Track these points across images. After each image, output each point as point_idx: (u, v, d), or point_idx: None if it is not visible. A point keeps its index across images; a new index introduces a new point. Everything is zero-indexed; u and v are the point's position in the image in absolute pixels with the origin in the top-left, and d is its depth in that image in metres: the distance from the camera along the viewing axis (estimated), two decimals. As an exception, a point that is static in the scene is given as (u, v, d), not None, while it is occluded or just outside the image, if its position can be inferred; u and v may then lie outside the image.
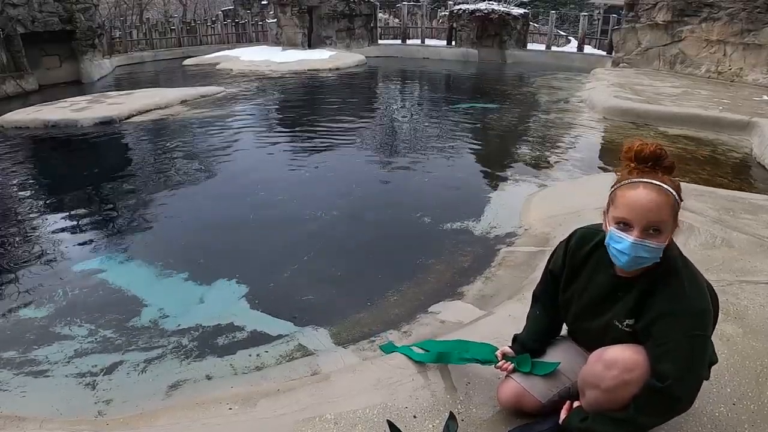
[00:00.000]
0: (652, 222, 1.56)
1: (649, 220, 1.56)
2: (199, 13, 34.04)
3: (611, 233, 1.64)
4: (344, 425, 2.06)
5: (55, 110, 9.97)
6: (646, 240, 1.57)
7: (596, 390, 1.71)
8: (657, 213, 1.56)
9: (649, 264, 1.63)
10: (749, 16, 11.76)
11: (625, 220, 1.60)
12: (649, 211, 1.56)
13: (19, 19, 13.65)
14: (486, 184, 6.15)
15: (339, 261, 4.30)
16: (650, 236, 1.57)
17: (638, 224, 1.57)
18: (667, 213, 1.57)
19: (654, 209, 1.56)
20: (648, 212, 1.56)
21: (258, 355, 3.06)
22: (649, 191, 1.57)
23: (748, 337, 2.54)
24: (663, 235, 1.58)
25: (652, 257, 1.60)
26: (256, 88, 13.37)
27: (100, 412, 2.63)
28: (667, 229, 1.59)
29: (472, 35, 19.75)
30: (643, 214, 1.56)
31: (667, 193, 1.57)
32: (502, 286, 3.67)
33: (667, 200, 1.57)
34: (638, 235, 1.57)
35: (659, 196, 1.56)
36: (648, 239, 1.57)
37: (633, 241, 1.57)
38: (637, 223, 1.57)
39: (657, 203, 1.56)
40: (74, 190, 6.19)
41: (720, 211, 4.29)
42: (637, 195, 1.58)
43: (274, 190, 5.99)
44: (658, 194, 1.57)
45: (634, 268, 1.65)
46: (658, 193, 1.57)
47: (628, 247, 1.59)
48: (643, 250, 1.58)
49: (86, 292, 3.84)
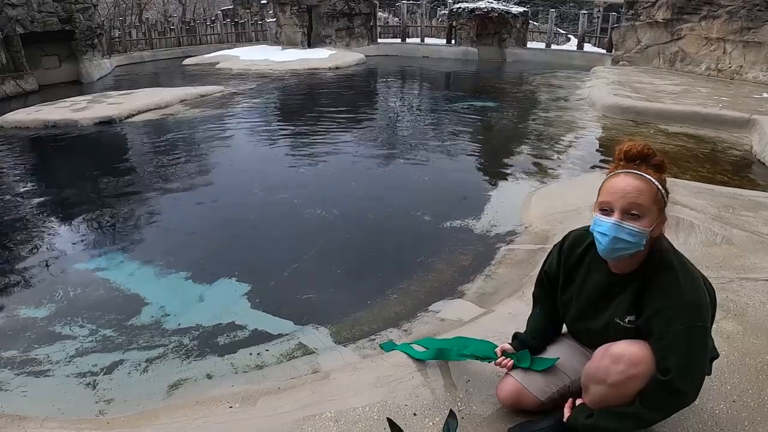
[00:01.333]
0: (631, 203, 1.62)
1: (628, 201, 1.62)
2: (198, 12, 34.00)
3: (595, 219, 1.70)
4: (344, 423, 2.07)
5: (55, 110, 9.97)
6: (625, 222, 1.62)
7: (602, 385, 1.71)
8: (635, 196, 1.62)
9: (630, 251, 1.66)
10: (749, 14, 11.75)
11: (606, 204, 1.67)
12: (628, 194, 1.62)
13: (18, 19, 13.64)
14: (486, 182, 6.15)
15: (339, 260, 4.30)
16: (630, 218, 1.62)
17: (618, 206, 1.63)
18: (646, 198, 1.62)
19: (633, 192, 1.62)
20: (627, 194, 1.62)
21: (258, 354, 3.07)
22: (629, 177, 1.65)
23: (748, 334, 2.55)
24: (643, 219, 1.62)
25: (633, 242, 1.63)
26: (255, 87, 13.37)
27: (101, 411, 2.64)
28: (647, 215, 1.63)
29: (472, 34, 19.73)
30: (623, 196, 1.63)
31: (648, 182, 1.64)
32: (502, 283, 3.67)
33: (647, 187, 1.63)
34: (618, 217, 1.63)
35: (639, 182, 1.63)
36: (627, 221, 1.62)
37: (613, 222, 1.63)
38: (617, 205, 1.64)
39: (636, 187, 1.63)
40: (74, 189, 6.20)
41: (720, 209, 4.29)
42: (617, 180, 1.67)
43: (274, 189, 5.99)
44: (637, 180, 1.64)
45: (616, 254, 1.68)
46: (637, 180, 1.64)
47: (608, 228, 1.64)
48: (624, 232, 1.62)
49: (87, 292, 3.85)
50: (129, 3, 30.25)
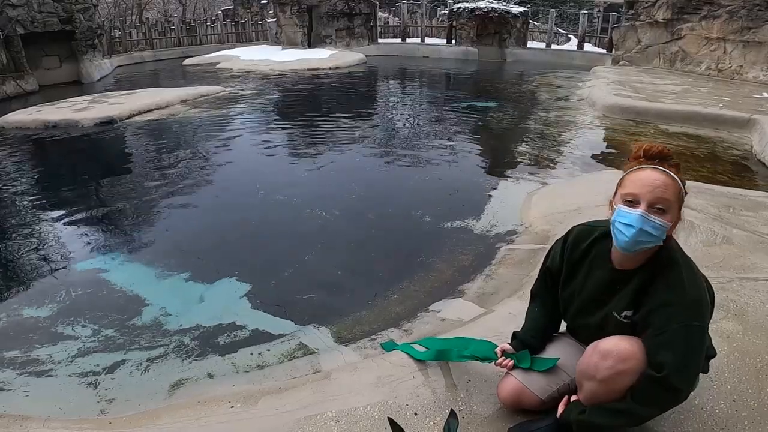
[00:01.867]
0: (658, 198, 1.63)
1: (655, 196, 1.63)
2: (198, 12, 34.02)
3: (618, 210, 1.69)
4: (345, 423, 2.07)
5: (55, 111, 9.98)
6: (652, 215, 1.62)
7: (592, 381, 1.73)
8: (663, 190, 1.63)
9: (650, 245, 1.66)
10: (749, 14, 11.75)
11: (633, 195, 1.66)
12: (657, 188, 1.63)
13: (18, 19, 13.65)
14: (486, 182, 6.15)
15: (340, 260, 4.31)
16: (655, 212, 1.63)
17: (645, 199, 1.64)
18: (672, 194, 1.64)
19: (661, 186, 1.63)
20: (655, 188, 1.63)
21: (260, 354, 3.07)
22: (656, 172, 1.66)
23: (748, 334, 2.55)
24: (667, 215, 1.63)
25: (656, 236, 1.64)
26: (256, 87, 13.38)
27: (102, 411, 2.64)
28: (671, 211, 1.64)
29: (472, 34, 19.74)
30: (651, 189, 1.63)
31: (673, 178, 1.66)
32: (502, 283, 3.67)
33: (673, 183, 1.65)
34: (645, 209, 1.63)
35: (665, 177, 1.65)
36: (654, 214, 1.62)
37: (641, 214, 1.63)
38: (644, 198, 1.64)
39: (664, 181, 1.64)
40: (75, 190, 6.21)
41: (720, 209, 4.30)
42: (646, 173, 1.67)
43: (275, 190, 5.99)
44: (665, 175, 1.65)
45: (636, 247, 1.67)
46: (665, 175, 1.66)
47: (635, 220, 1.63)
48: (649, 225, 1.62)
49: (88, 292, 3.85)
50: (129, 3, 30.27)
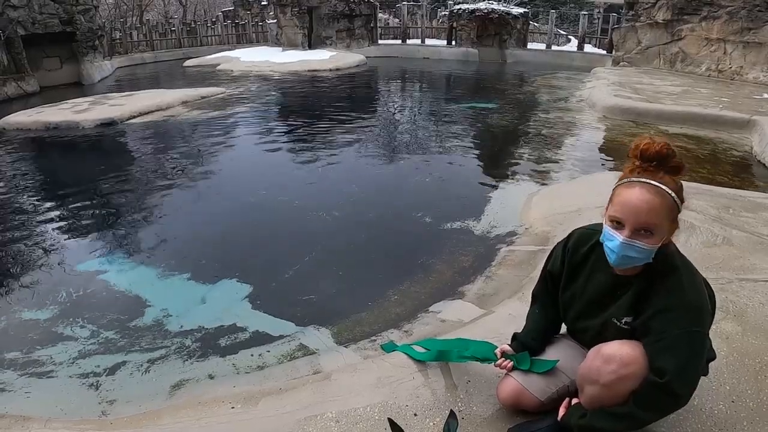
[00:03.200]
0: (642, 223, 1.57)
1: (639, 222, 1.57)
2: (199, 14, 34.06)
3: (605, 231, 1.67)
4: (346, 423, 2.08)
5: (56, 112, 9.99)
6: (636, 240, 1.58)
7: (595, 385, 1.73)
8: (648, 214, 1.56)
9: (641, 264, 1.65)
10: (749, 15, 11.77)
11: (618, 218, 1.62)
12: (641, 213, 1.56)
13: (19, 20, 13.67)
14: (486, 183, 6.16)
15: (340, 261, 4.32)
16: (640, 237, 1.58)
17: (629, 224, 1.58)
18: (660, 215, 1.57)
19: (645, 210, 1.56)
20: (639, 213, 1.56)
21: (260, 355, 3.08)
22: (644, 192, 1.57)
23: (747, 335, 2.56)
24: (654, 237, 1.59)
25: (642, 257, 1.62)
26: (256, 89, 13.39)
27: (103, 411, 2.65)
28: (659, 232, 1.59)
29: (472, 35, 19.75)
30: (635, 215, 1.57)
31: (664, 195, 1.57)
32: (502, 285, 3.68)
33: (662, 202, 1.56)
34: (628, 235, 1.59)
35: (654, 197, 1.56)
36: (638, 239, 1.58)
37: (622, 241, 1.59)
38: (628, 223, 1.59)
39: (650, 205, 1.55)
40: (76, 191, 6.21)
41: (720, 210, 4.30)
42: (631, 195, 1.58)
43: (276, 191, 6.01)
44: (653, 195, 1.56)
45: (625, 266, 1.68)
46: (653, 195, 1.56)
47: (617, 246, 1.61)
48: (632, 250, 1.60)
49: (89, 293, 3.86)
50: (130, 4, 30.32)
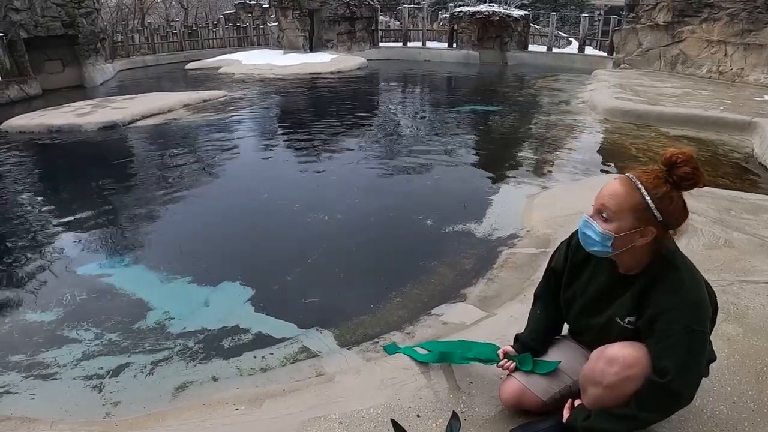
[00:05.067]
0: (603, 206, 1.68)
1: (601, 203, 1.69)
2: (200, 16, 34.13)
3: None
4: (349, 425, 2.09)
5: (59, 115, 10.03)
6: (593, 220, 1.70)
7: (598, 387, 1.74)
8: (609, 200, 1.67)
9: (601, 253, 1.73)
10: (750, 16, 11.79)
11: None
12: (603, 195, 1.69)
13: (22, 23, 13.74)
14: (487, 186, 6.18)
15: (342, 264, 4.33)
16: (598, 219, 1.69)
17: (594, 205, 1.72)
18: (620, 203, 1.65)
19: (608, 194, 1.68)
20: (602, 195, 1.69)
21: (263, 357, 3.10)
22: (616, 181, 1.69)
23: (748, 337, 2.57)
24: (610, 223, 1.67)
25: (597, 242, 1.70)
26: (258, 91, 13.43)
27: (108, 413, 2.66)
28: (617, 221, 1.66)
29: (473, 37, 19.81)
30: (600, 197, 1.70)
31: (633, 189, 1.64)
32: (504, 287, 3.69)
33: (626, 192, 1.65)
34: (590, 214, 1.72)
35: (621, 188, 1.66)
36: (595, 220, 1.70)
37: (584, 217, 1.73)
38: (594, 204, 1.72)
39: (614, 191, 1.67)
40: (78, 194, 6.24)
41: (721, 212, 4.32)
42: (609, 183, 1.72)
43: (277, 194, 6.03)
44: (621, 186, 1.66)
45: (589, 249, 1.76)
46: (622, 186, 1.66)
47: (582, 222, 1.75)
48: (589, 229, 1.71)
49: (92, 296, 3.88)
50: (131, 7, 30.40)
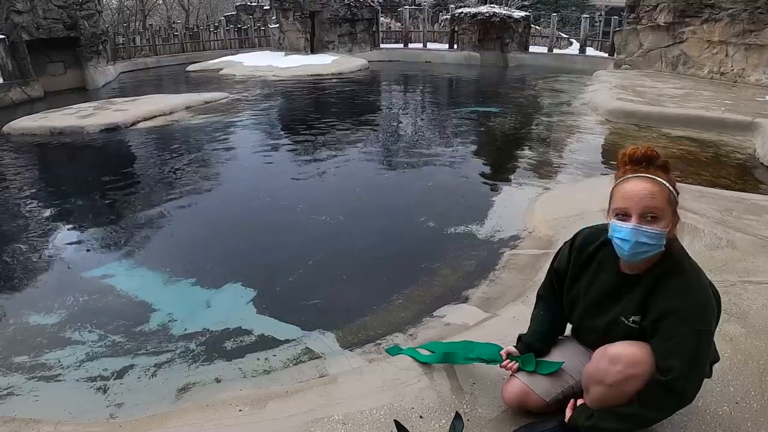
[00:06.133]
0: (647, 207, 1.63)
1: (644, 206, 1.64)
2: (201, 18, 34.20)
3: (612, 225, 1.71)
4: (352, 426, 2.10)
5: (61, 117, 10.06)
6: (644, 225, 1.64)
7: (601, 386, 1.75)
8: (651, 199, 1.63)
9: (652, 253, 1.68)
10: (750, 17, 11.78)
11: (622, 210, 1.68)
12: (643, 198, 1.64)
13: (23, 26, 13.77)
14: (489, 187, 6.18)
15: (344, 265, 4.33)
16: (648, 222, 1.64)
17: (635, 211, 1.65)
18: (661, 200, 1.64)
19: (647, 195, 1.64)
20: (642, 198, 1.64)
21: (266, 359, 3.10)
22: (641, 181, 1.66)
23: (751, 337, 2.57)
24: (660, 222, 1.64)
25: (654, 244, 1.65)
26: (259, 93, 13.45)
27: (112, 414, 2.67)
28: (664, 217, 1.64)
29: (474, 38, 19.82)
30: (638, 201, 1.64)
31: (660, 183, 1.65)
32: (506, 288, 3.70)
33: (660, 189, 1.65)
34: (636, 221, 1.64)
35: (651, 184, 1.65)
36: (645, 225, 1.64)
37: (632, 227, 1.64)
38: (634, 210, 1.65)
39: (650, 190, 1.64)
40: (81, 196, 6.26)
41: (723, 212, 4.32)
42: (631, 185, 1.68)
43: (279, 196, 6.03)
44: (650, 183, 1.65)
45: (638, 258, 1.69)
46: (650, 183, 1.65)
47: (628, 234, 1.65)
48: (643, 236, 1.64)
49: (95, 298, 3.89)
50: (133, 9, 30.47)
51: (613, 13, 22.19)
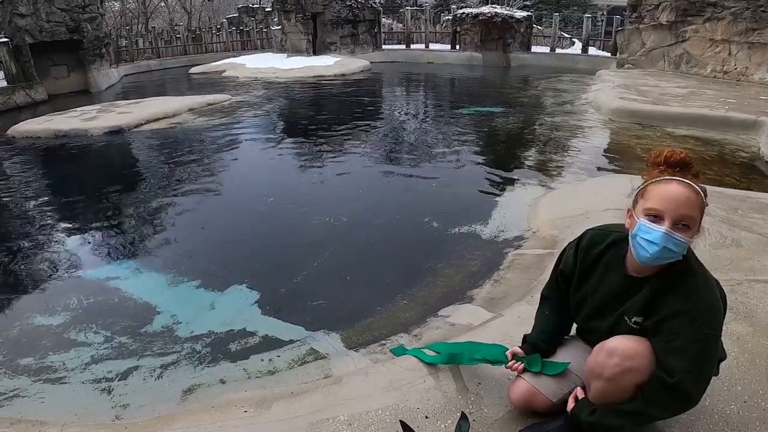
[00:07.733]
0: (683, 215, 1.60)
1: (680, 213, 1.59)
2: (203, 21, 34.28)
3: (640, 224, 1.65)
4: (358, 426, 2.09)
5: (65, 120, 10.09)
6: (676, 233, 1.59)
7: (600, 380, 1.75)
8: (688, 207, 1.60)
9: (672, 260, 1.65)
10: (753, 15, 11.75)
11: (656, 211, 1.62)
12: (681, 204, 1.60)
13: (27, 29, 13.82)
14: (493, 187, 6.17)
15: (348, 266, 4.33)
16: (680, 230, 1.60)
17: (670, 216, 1.60)
18: (696, 210, 1.61)
19: (686, 203, 1.60)
20: (680, 205, 1.60)
21: (271, 360, 3.10)
22: (682, 186, 1.62)
23: (758, 336, 2.56)
24: (690, 231, 1.61)
25: (678, 252, 1.62)
26: (262, 95, 13.47)
27: (117, 416, 2.68)
28: (694, 226, 1.62)
29: (476, 39, 19.81)
30: (676, 207, 1.60)
31: (698, 192, 1.62)
32: (510, 288, 3.69)
33: (697, 198, 1.61)
34: (669, 226, 1.60)
35: (690, 191, 1.61)
36: (678, 232, 1.60)
37: (665, 231, 1.59)
38: (669, 215, 1.60)
39: (689, 198, 1.60)
40: (85, 199, 6.28)
41: (728, 211, 4.30)
42: (671, 188, 1.62)
43: (283, 197, 6.04)
44: (689, 190, 1.61)
45: (658, 263, 1.66)
46: (689, 189, 1.61)
47: (659, 238, 1.60)
48: (672, 242, 1.60)
49: (100, 300, 3.90)
50: (135, 12, 30.57)
51: (615, 13, 22.16)
